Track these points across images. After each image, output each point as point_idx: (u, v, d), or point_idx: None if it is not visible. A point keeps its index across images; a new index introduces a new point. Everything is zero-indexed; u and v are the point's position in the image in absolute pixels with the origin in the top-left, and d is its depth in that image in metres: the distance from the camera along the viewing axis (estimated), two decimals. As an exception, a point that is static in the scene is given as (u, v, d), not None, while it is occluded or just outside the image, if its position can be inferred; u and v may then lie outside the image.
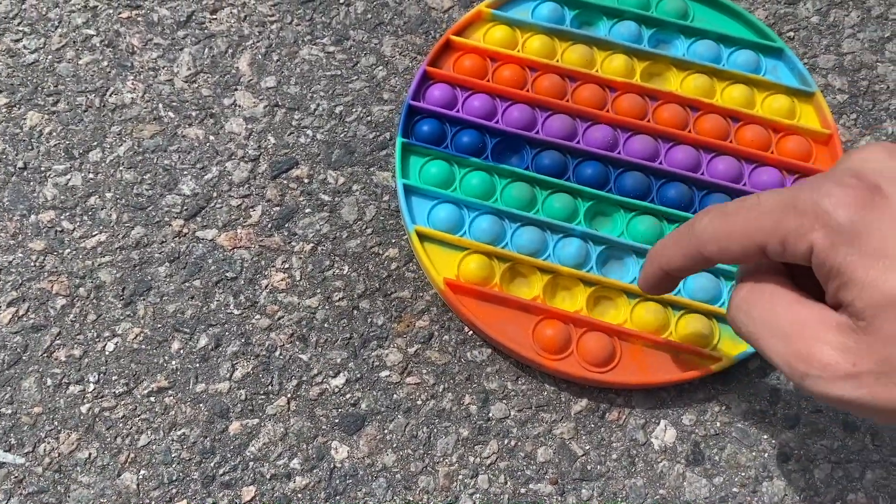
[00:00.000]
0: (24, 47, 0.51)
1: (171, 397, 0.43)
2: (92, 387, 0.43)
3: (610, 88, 0.48)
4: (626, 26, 0.50)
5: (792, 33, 0.52)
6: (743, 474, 0.42)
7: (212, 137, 0.48)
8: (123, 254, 0.46)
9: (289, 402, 0.43)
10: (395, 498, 0.41)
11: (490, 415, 0.43)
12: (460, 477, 0.42)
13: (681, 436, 0.43)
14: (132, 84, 0.50)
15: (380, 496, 0.41)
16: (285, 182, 0.47)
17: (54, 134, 0.48)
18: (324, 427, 0.43)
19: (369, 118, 0.49)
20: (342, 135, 0.49)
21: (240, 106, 0.49)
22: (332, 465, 0.42)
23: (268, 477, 0.42)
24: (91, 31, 0.51)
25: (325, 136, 0.49)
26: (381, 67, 0.51)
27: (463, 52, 0.49)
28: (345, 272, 0.46)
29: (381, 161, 0.48)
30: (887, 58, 0.52)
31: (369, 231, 0.47)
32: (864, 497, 0.42)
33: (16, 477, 0.41)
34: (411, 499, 0.41)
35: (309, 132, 0.49)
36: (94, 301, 0.45)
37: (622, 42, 0.49)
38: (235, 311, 0.45)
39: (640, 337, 0.43)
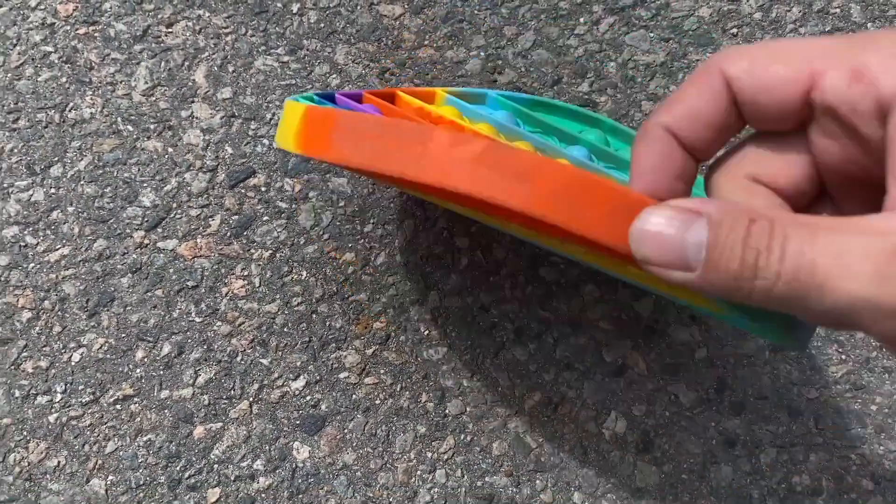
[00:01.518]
0: (-16, 66, 0.52)
1: (137, 404, 0.44)
2: (59, 397, 0.44)
3: None
4: (580, 150, 0.43)
5: (735, 30, 0.53)
6: (691, 461, 0.44)
7: (170, 149, 0.50)
8: (86, 266, 0.47)
9: (251, 406, 0.44)
10: (355, 495, 0.43)
11: (447, 411, 0.44)
12: (419, 472, 0.43)
13: (631, 426, 0.44)
14: (91, 99, 0.51)
15: (341, 493, 0.43)
16: (243, 191, 0.49)
17: (16, 150, 0.49)
18: (285, 429, 0.44)
19: (324, 126, 0.50)
20: (298, 143, 0.50)
21: (197, 117, 0.50)
22: (294, 465, 0.43)
23: (232, 478, 0.43)
24: (49, 48, 0.52)
25: (282, 144, 0.50)
26: (334, 75, 0.52)
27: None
28: (303, 277, 0.47)
29: (336, 168, 0.49)
30: (828, 51, 0.53)
31: (326, 236, 0.48)
32: (809, 479, 0.44)
33: (-14, 487, 0.42)
34: (371, 495, 0.43)
35: (265, 141, 0.50)
36: (59, 313, 0.46)
37: (572, 155, 0.41)
38: (197, 319, 0.46)
39: None
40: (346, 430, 0.44)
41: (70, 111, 0.50)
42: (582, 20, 0.53)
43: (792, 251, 0.20)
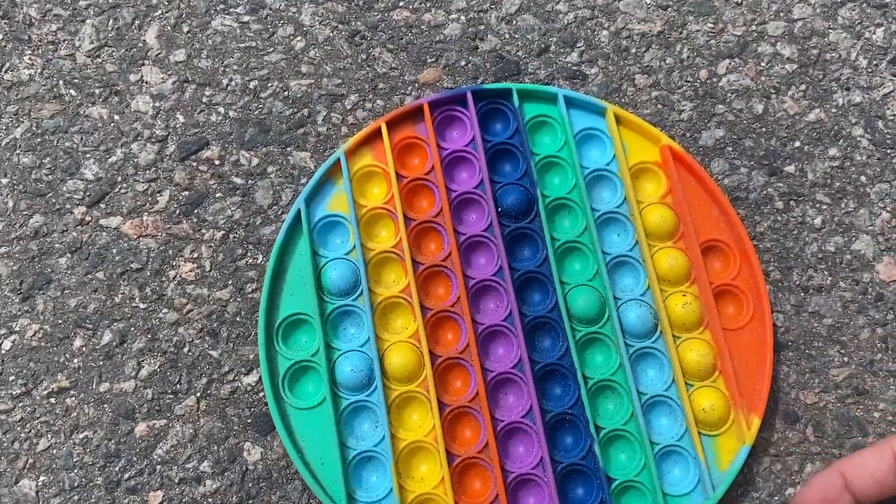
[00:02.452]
0: (-87, 19, 0.47)
1: (73, 398, 0.41)
2: (-13, 388, 0.40)
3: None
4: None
5: (740, -3, 0.49)
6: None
7: (116, 117, 0.45)
8: (21, 244, 0.43)
9: (198, 402, 0.41)
10: (311, 501, 0.39)
11: (412, 411, 0.41)
12: (380, 478, 0.40)
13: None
14: (30, 59, 0.46)
15: (295, 499, 0.39)
16: (195, 164, 0.44)
17: (-55, 115, 0.45)
18: (236, 428, 0.40)
19: (286, 93, 0.46)
20: (256, 112, 0.45)
21: (147, 82, 0.46)
22: (244, 468, 0.40)
23: (176, 481, 0.39)
24: (-15, 2, 0.47)
25: (238, 113, 0.45)
26: (299, 38, 0.47)
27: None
28: (258, 261, 0.43)
29: (299, 140, 0.45)
30: (839, 24, 0.48)
31: (286, 217, 0.44)
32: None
33: None
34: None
35: (221, 109, 0.45)
36: (-10, 296, 0.42)
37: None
38: (141, 305, 0.42)
39: None
40: (302, 430, 0.40)
41: (6, 72, 0.46)
42: (573, -17, 0.48)
43: None
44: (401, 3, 0.48)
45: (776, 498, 0.40)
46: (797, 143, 0.46)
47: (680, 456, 0.39)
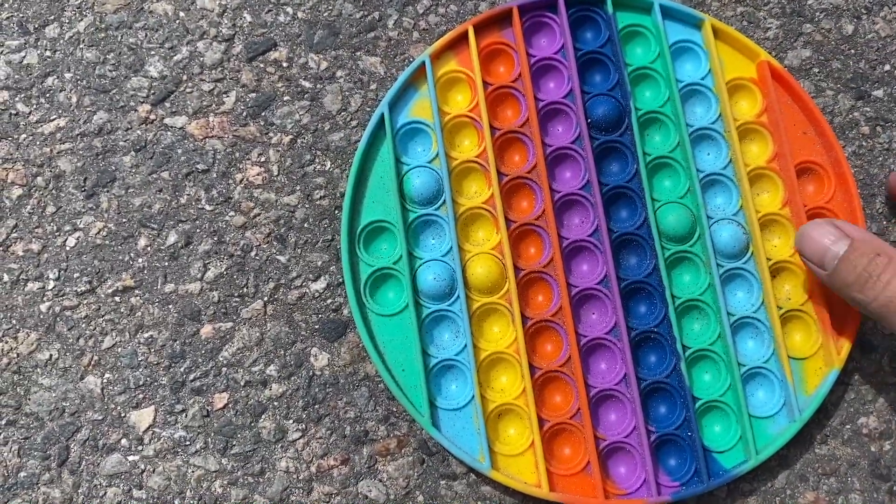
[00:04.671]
0: None
1: (138, 297, 0.40)
2: (52, 284, 0.40)
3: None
4: None
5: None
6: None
7: (181, 14, 0.44)
8: (85, 141, 0.42)
9: (265, 306, 0.40)
10: (377, 408, 0.39)
11: (481, 324, 0.40)
12: (447, 389, 0.39)
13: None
14: (92, -50, 0.44)
15: (361, 406, 0.39)
16: (262, 66, 0.43)
17: (6, 5, 0.43)
18: (303, 333, 0.40)
19: (357, -4, 0.44)
20: (326, 13, 0.44)
21: (213, -22, 0.44)
22: (311, 373, 0.39)
23: (242, 384, 0.39)
24: None
25: (307, 14, 0.44)
26: (371, -61, 0.45)
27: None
28: (327, 168, 0.42)
29: (369, 44, 0.43)
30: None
31: (354, 123, 0.42)
32: (876, 420, 0.40)
33: (-29, 377, 0.38)
34: (395, 409, 0.39)
35: (289, 10, 0.44)
36: (54, 192, 0.41)
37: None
38: (207, 207, 0.41)
39: None
40: (369, 339, 0.40)
41: (68, -37, 0.44)
42: None
43: (893, 286, 0.32)
44: None
45: (848, 426, 0.39)
46: (887, 67, 0.44)
47: (766, 378, 0.38)
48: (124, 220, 0.41)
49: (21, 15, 0.43)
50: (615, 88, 0.41)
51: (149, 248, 0.41)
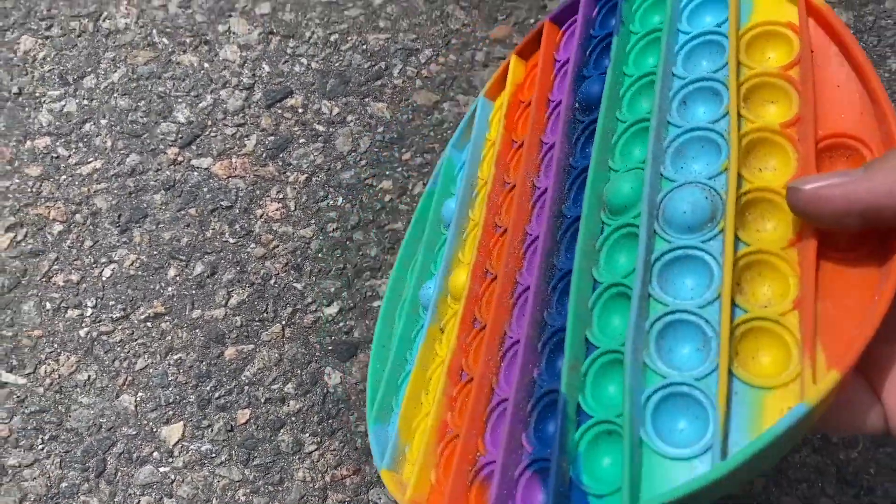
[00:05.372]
0: (16, -31, 0.50)
1: (168, 323, 0.44)
2: (90, 311, 0.44)
3: None
4: None
5: (799, -35, 0.51)
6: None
7: (206, 65, 0.48)
8: (119, 181, 0.46)
9: (283, 329, 0.44)
10: (385, 423, 0.42)
11: (480, 345, 0.44)
12: (450, 404, 0.43)
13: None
14: (126, 9, 0.49)
15: (371, 421, 0.43)
16: (280, 111, 0.47)
17: (48, 59, 0.48)
18: (317, 354, 0.43)
19: (364, 47, 0.49)
20: (337, 64, 0.48)
21: (234, 33, 0.49)
22: (325, 391, 0.43)
23: (262, 401, 0.43)
24: (83, -46, 0.50)
25: (320, 64, 0.48)
26: (377, -5, 0.50)
27: None
28: (339, 203, 0.46)
29: (376, 91, 0.48)
30: (895, -8, 0.50)
31: (363, 163, 0.47)
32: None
33: (18, 397, 0.42)
34: (402, 424, 0.42)
35: (304, 61, 0.48)
36: (91, 227, 0.45)
37: None
38: (231, 240, 0.45)
39: None
40: (378, 359, 0.44)
41: (104, 20, 0.49)
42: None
43: None
44: (473, -36, 0.51)
45: (818, 436, 0.43)
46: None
47: (693, 403, 0.25)
48: (155, 252, 0.45)
49: (62, 68, 0.48)
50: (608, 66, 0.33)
51: (178, 278, 0.45)
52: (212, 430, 0.42)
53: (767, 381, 0.25)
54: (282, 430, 0.42)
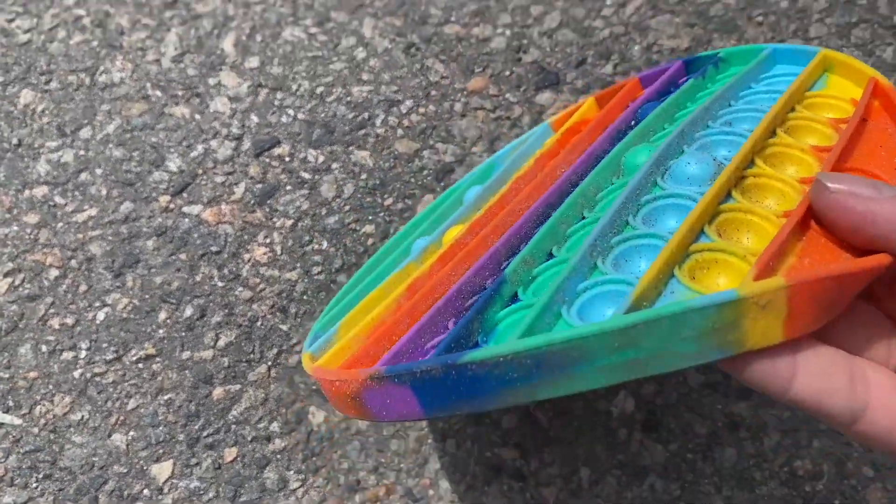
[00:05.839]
0: (18, 27, 0.53)
1: (159, 364, 0.46)
2: (84, 353, 0.46)
3: None
4: None
5: (761, 17, 0.53)
6: (697, 441, 0.45)
7: (197, 116, 0.50)
8: (113, 228, 0.48)
9: (269, 370, 0.46)
10: (367, 460, 0.44)
11: (459, 383, 0.46)
12: (430, 441, 0.45)
13: (639, 405, 0.45)
14: (121, 64, 0.51)
15: (354, 458, 0.44)
16: (267, 160, 0.50)
17: (47, 112, 0.50)
18: (302, 393, 0.45)
19: (349, 98, 0.51)
20: (322, 114, 0.51)
21: (224, 86, 0.51)
22: (309, 429, 0.45)
23: (249, 439, 0.44)
24: (82, 12, 0.52)
25: (306, 115, 0.51)
26: (361, 49, 0.52)
27: None
28: (323, 247, 0.48)
29: (360, 140, 0.50)
30: (853, 43, 0.53)
31: (347, 208, 0.49)
32: (811, 464, 0.45)
33: (13, 437, 0.44)
34: (383, 461, 0.44)
35: (290, 112, 0.51)
36: (86, 272, 0.47)
37: None
38: (219, 283, 0.47)
39: None
40: (360, 398, 0.45)
41: (100, 75, 0.51)
42: (609, 2, 0.53)
43: None
44: (452, 18, 0.53)
45: (785, 469, 0.44)
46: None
47: (623, 296, 0.24)
48: (147, 296, 0.47)
49: (60, 120, 0.50)
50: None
51: (168, 321, 0.47)
52: (200, 468, 0.44)
53: (707, 290, 0.23)
54: (267, 468, 0.44)
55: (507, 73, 0.52)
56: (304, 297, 0.47)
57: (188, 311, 0.47)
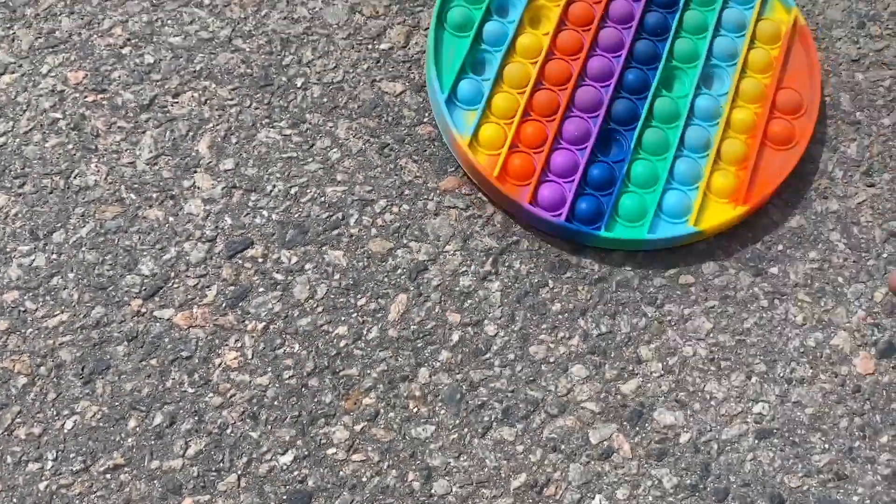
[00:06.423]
0: (-6, 130, 0.53)
1: (127, 474, 0.45)
2: (50, 464, 0.45)
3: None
4: None
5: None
6: None
7: (171, 218, 0.51)
8: (84, 333, 0.48)
9: (239, 479, 0.45)
10: (339, 572, 0.43)
11: (433, 491, 0.45)
12: None
13: (615, 510, 0.45)
14: (96, 166, 0.52)
15: (325, 571, 0.43)
16: (240, 262, 0.50)
17: (20, 215, 0.50)
18: (272, 503, 0.44)
19: (323, 199, 0.51)
20: (296, 215, 0.51)
21: (199, 187, 0.51)
22: (279, 540, 0.44)
23: (218, 552, 0.43)
24: (58, 115, 0.53)
25: (280, 216, 0.51)
26: (335, 149, 0.53)
27: None
28: (295, 350, 0.48)
29: (333, 240, 0.50)
30: (817, 139, 0.54)
31: (320, 309, 0.49)
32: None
33: (-26, 554, 0.43)
34: (355, 573, 0.43)
35: (265, 213, 0.51)
36: (55, 380, 0.47)
37: None
38: (190, 390, 0.47)
39: None
40: (332, 506, 0.44)
41: (75, 178, 0.52)
42: (577, 102, 0.54)
43: None
44: (425, 119, 0.54)
45: None
46: (780, 247, 0.51)
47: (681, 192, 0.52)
48: (117, 403, 0.46)
49: (32, 223, 0.50)
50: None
51: (137, 429, 0.46)
52: (166, 585, 0.43)
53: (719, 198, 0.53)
54: (236, 584, 0.43)
55: (479, 172, 0.52)
56: (275, 403, 0.46)
57: (158, 419, 0.46)
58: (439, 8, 0.55)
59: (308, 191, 0.52)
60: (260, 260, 0.50)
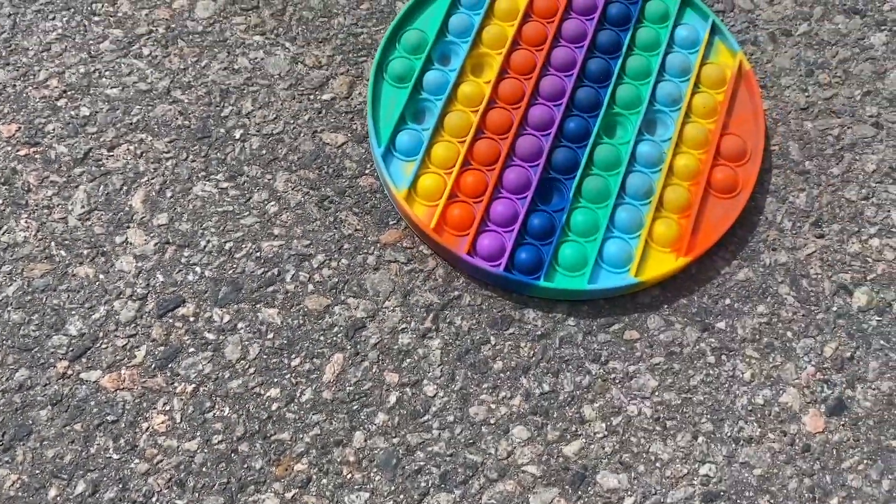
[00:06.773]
0: (-77, 185, 0.52)
1: (45, 547, 0.43)
2: (-36, 537, 0.43)
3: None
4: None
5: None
6: None
7: (101, 276, 0.49)
8: (6, 397, 0.46)
9: (163, 551, 0.43)
10: None
11: (364, 561, 0.43)
12: None
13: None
14: (26, 222, 0.50)
15: None
16: (171, 321, 0.48)
17: (-55, 273, 0.49)
18: (197, 577, 0.42)
19: (258, 254, 0.50)
20: (230, 271, 0.50)
21: (131, 244, 0.50)
22: None
23: None
24: (-11, 169, 0.52)
25: (214, 272, 0.49)
26: (273, 203, 0.52)
27: None
28: (225, 414, 0.46)
29: (268, 297, 0.49)
30: (766, 189, 0.53)
31: (252, 370, 0.47)
32: None
33: None
34: None
35: (198, 269, 0.50)
36: (-27, 447, 0.45)
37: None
38: (115, 456, 0.45)
39: None
40: (259, 580, 0.43)
41: (3, 234, 0.50)
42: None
43: None
44: (367, 171, 0.53)
45: None
46: (727, 301, 0.50)
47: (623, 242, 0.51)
48: (37, 471, 0.44)
49: (-43, 282, 0.49)
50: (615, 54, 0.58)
51: (58, 498, 0.44)
52: None
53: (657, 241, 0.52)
54: None
55: (420, 225, 0.51)
56: (203, 470, 0.45)
57: (80, 487, 0.44)
58: (379, 59, 0.54)
59: (243, 246, 0.50)
60: (191, 319, 0.48)
